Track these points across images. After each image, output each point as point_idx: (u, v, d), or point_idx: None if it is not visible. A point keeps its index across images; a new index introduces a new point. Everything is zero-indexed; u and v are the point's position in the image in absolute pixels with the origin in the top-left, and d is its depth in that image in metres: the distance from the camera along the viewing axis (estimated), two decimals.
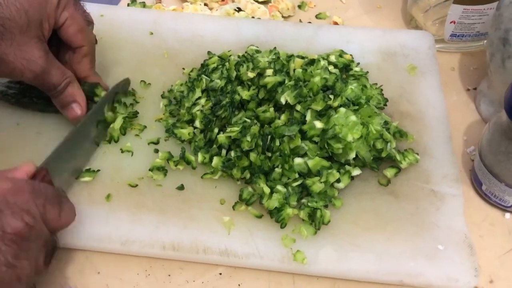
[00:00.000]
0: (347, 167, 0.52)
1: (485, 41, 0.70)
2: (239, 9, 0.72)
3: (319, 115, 0.52)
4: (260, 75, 0.56)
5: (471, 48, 0.70)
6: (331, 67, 0.56)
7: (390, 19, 0.75)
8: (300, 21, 0.74)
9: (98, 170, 0.53)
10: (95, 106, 0.55)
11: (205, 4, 0.74)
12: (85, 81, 0.57)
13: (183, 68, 0.64)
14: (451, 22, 0.66)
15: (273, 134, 0.51)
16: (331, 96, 0.52)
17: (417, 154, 0.55)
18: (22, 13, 0.48)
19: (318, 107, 0.51)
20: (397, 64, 0.65)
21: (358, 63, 0.60)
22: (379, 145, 0.52)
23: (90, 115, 0.54)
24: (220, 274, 0.49)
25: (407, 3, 0.72)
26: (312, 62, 0.56)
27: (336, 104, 0.51)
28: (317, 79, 0.52)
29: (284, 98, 0.53)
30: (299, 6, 0.76)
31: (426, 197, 0.53)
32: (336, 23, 0.73)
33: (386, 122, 0.55)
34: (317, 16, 0.75)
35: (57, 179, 0.48)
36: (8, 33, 0.47)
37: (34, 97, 0.58)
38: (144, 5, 0.74)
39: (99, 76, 0.59)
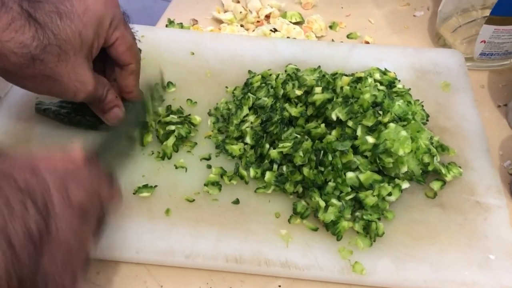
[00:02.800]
0: (396, 180, 0.54)
1: None
2: (275, 30, 0.74)
3: (369, 130, 0.54)
4: (307, 92, 0.59)
5: (499, 66, 0.73)
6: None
7: (417, 39, 0.78)
8: (333, 40, 0.76)
9: (156, 186, 0.55)
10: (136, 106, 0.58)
11: (241, 25, 0.76)
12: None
13: (226, 87, 0.66)
14: (481, 42, 0.69)
15: (326, 149, 0.53)
16: (380, 112, 0.54)
17: (460, 167, 0.57)
18: (77, 34, 0.49)
19: (369, 122, 0.53)
20: (431, 81, 0.68)
21: (399, 80, 0.63)
22: (426, 159, 0.54)
23: (130, 114, 0.57)
24: (279, 286, 0.50)
25: (435, 22, 0.76)
26: (358, 79, 0.58)
27: (386, 119, 0.53)
28: (367, 95, 0.54)
29: (335, 114, 0.55)
30: (330, 27, 0.78)
31: (473, 208, 0.55)
32: (367, 43, 0.75)
33: (430, 137, 0.57)
34: (348, 36, 0.77)
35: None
36: (64, 54, 0.49)
37: (87, 115, 0.59)
38: (181, 26, 0.77)
39: (142, 91, 0.60)
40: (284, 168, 0.55)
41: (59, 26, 0.48)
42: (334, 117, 0.55)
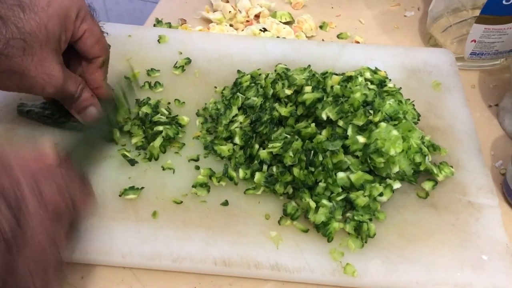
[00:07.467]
0: (388, 180, 0.53)
1: (502, 60, 0.72)
2: (264, 29, 0.74)
3: (360, 130, 0.53)
4: (297, 92, 0.58)
5: (490, 66, 0.73)
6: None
7: (408, 39, 0.78)
8: (323, 40, 0.75)
9: (142, 188, 0.53)
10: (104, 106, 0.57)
11: (231, 25, 0.75)
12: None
13: (215, 87, 0.65)
14: (471, 41, 0.69)
15: (316, 149, 0.52)
16: (371, 111, 0.53)
17: (452, 167, 0.57)
18: (42, 27, 0.48)
19: (360, 122, 0.52)
20: (422, 81, 0.67)
21: (390, 79, 0.62)
22: (418, 159, 0.54)
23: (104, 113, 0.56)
24: None
25: (426, 22, 0.75)
26: (349, 78, 0.57)
27: (376, 119, 0.53)
28: (357, 95, 0.54)
29: (326, 114, 0.54)
30: (321, 27, 0.78)
31: (465, 208, 0.54)
32: (358, 43, 0.75)
33: (421, 136, 0.56)
34: (338, 36, 0.77)
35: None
36: (29, 47, 0.47)
37: (71, 116, 0.58)
38: (169, 25, 0.75)
39: (110, 86, 0.59)
40: (274, 168, 0.54)
41: (22, 19, 0.47)
42: (324, 116, 0.54)
